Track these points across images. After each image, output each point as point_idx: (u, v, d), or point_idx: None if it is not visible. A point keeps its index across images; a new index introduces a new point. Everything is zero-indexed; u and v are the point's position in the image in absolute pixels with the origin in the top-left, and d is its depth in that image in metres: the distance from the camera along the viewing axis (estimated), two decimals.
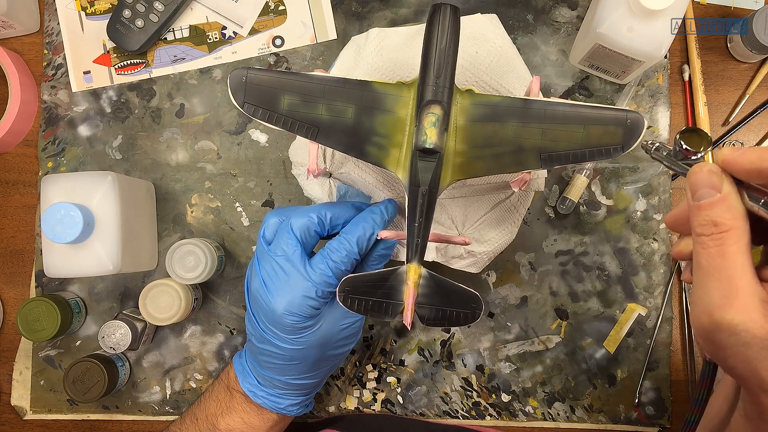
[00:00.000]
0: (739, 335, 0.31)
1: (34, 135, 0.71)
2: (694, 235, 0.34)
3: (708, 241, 0.32)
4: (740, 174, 0.33)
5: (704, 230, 0.33)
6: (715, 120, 0.68)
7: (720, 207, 0.32)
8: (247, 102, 0.45)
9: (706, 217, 0.33)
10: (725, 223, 0.32)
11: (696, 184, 0.33)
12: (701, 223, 0.33)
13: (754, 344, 0.31)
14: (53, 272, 0.60)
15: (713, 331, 0.32)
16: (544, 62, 0.68)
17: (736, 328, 0.31)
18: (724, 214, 0.32)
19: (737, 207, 0.32)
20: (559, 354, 0.68)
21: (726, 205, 0.32)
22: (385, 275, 0.45)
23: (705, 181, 0.33)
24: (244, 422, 0.56)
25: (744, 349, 0.32)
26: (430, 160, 0.43)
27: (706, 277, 0.33)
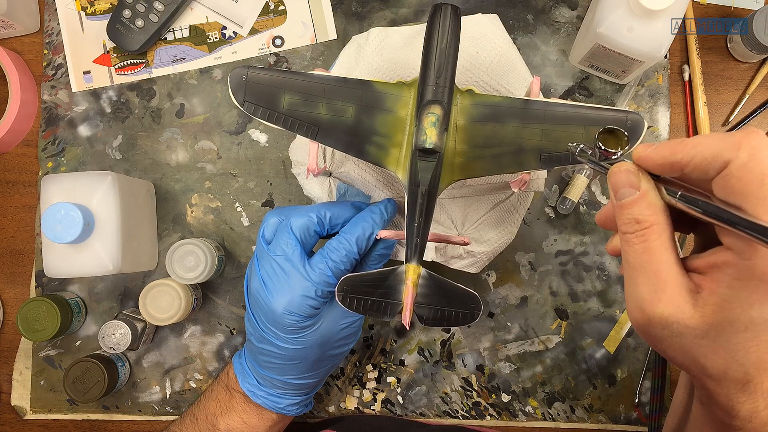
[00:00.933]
0: (671, 327, 0.32)
1: (34, 135, 0.71)
2: (620, 233, 0.34)
3: (632, 238, 0.33)
4: (655, 169, 0.33)
5: (628, 228, 0.33)
6: (715, 120, 0.68)
7: (640, 204, 0.33)
8: (247, 101, 0.45)
9: (629, 215, 0.33)
10: (646, 220, 0.33)
11: (616, 184, 0.34)
12: (624, 221, 0.34)
13: (687, 334, 0.32)
14: (53, 272, 0.60)
15: (646, 325, 0.33)
16: (544, 62, 0.68)
17: (667, 321, 0.32)
18: (645, 211, 0.33)
19: (656, 203, 0.33)
20: (559, 354, 0.68)
21: (645, 202, 0.33)
22: (384, 275, 0.45)
23: (624, 180, 0.34)
24: (244, 422, 0.56)
25: (678, 339, 0.32)
26: (430, 160, 0.43)
27: (634, 273, 0.33)
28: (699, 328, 0.32)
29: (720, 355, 0.32)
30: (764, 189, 0.29)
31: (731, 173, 0.30)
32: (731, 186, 0.30)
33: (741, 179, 0.29)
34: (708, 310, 0.31)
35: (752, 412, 0.33)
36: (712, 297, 0.31)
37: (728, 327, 0.31)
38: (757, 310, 0.30)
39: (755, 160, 0.29)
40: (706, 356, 0.32)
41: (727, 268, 0.31)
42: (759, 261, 0.30)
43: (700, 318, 0.31)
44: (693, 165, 0.31)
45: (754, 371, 0.32)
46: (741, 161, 0.29)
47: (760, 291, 0.30)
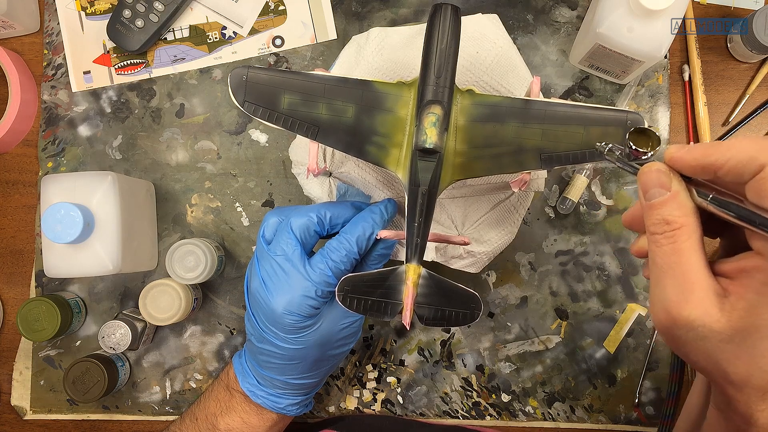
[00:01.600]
0: (697, 330, 0.32)
1: (34, 135, 0.71)
2: (648, 233, 0.34)
3: (661, 239, 0.33)
4: (687, 171, 0.33)
5: (657, 229, 0.33)
6: (715, 120, 0.68)
7: (670, 205, 0.33)
8: (247, 101, 0.45)
9: (658, 215, 0.33)
10: (676, 221, 0.33)
11: (646, 184, 0.34)
12: (654, 222, 0.33)
13: (712, 338, 0.32)
14: (53, 272, 0.60)
15: (672, 327, 0.33)
16: (544, 62, 0.68)
17: (693, 324, 0.32)
18: (675, 212, 0.33)
19: (687, 204, 0.33)
20: (559, 354, 0.68)
21: (676, 203, 0.33)
22: (384, 275, 0.45)
23: (654, 180, 0.34)
24: (244, 422, 0.56)
25: (703, 343, 0.32)
26: (430, 160, 0.43)
27: (662, 274, 0.33)
28: (724, 333, 0.31)
29: (743, 360, 0.32)
30: None
31: (766, 177, 0.29)
32: (766, 190, 0.29)
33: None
34: (735, 314, 0.31)
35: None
36: (740, 302, 0.31)
37: (755, 333, 0.31)
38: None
39: None
40: (729, 361, 0.32)
41: (756, 273, 0.31)
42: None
43: (726, 322, 0.31)
44: (727, 168, 0.31)
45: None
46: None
47: None
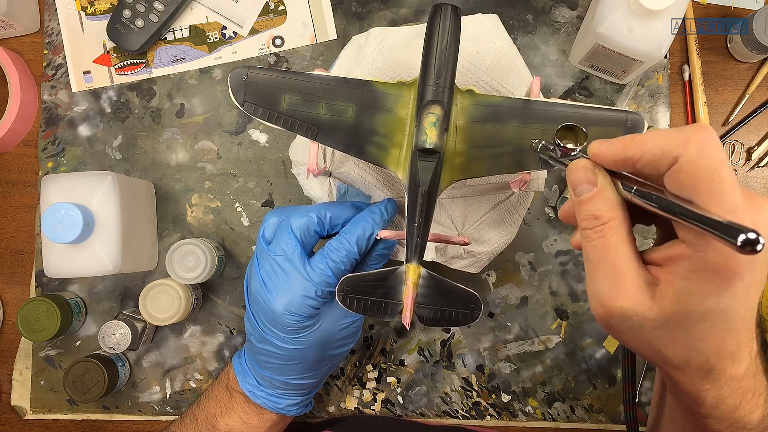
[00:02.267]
0: (632, 320, 0.33)
1: (34, 135, 0.71)
2: (579, 229, 0.35)
3: (591, 233, 0.34)
4: (610, 165, 0.34)
5: (587, 224, 0.34)
6: (715, 120, 0.68)
7: (597, 200, 0.34)
8: (247, 101, 0.45)
9: (587, 211, 0.34)
10: (604, 215, 0.33)
11: (574, 180, 0.35)
12: (583, 217, 0.34)
13: (646, 326, 0.33)
14: (53, 272, 0.60)
15: (608, 318, 0.34)
16: (544, 62, 0.68)
17: (627, 314, 0.33)
18: (602, 207, 0.33)
19: (613, 198, 0.34)
20: (559, 354, 0.68)
21: (602, 198, 0.34)
22: (384, 275, 0.45)
23: (581, 177, 0.34)
24: (244, 422, 0.56)
25: (639, 331, 0.33)
26: (430, 160, 0.43)
27: (594, 268, 0.34)
28: (658, 320, 0.32)
29: (680, 345, 0.33)
30: (713, 183, 0.29)
31: (681, 168, 0.30)
32: (681, 180, 0.30)
33: (690, 174, 0.30)
34: (666, 302, 0.32)
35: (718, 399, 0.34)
36: (669, 289, 0.32)
37: (686, 318, 0.32)
38: (713, 300, 0.31)
39: (703, 155, 0.30)
40: (666, 346, 0.33)
41: (682, 261, 0.32)
42: (711, 253, 0.30)
43: (658, 310, 0.32)
44: (644, 161, 0.32)
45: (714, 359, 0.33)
46: (689, 157, 0.30)
47: (715, 282, 0.31)
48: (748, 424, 0.36)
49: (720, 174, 0.29)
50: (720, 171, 0.29)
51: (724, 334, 0.32)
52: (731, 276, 0.30)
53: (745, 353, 0.34)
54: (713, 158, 0.30)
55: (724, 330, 0.32)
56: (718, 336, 0.32)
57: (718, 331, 0.32)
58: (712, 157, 0.30)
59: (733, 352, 0.33)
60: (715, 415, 0.35)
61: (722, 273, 0.30)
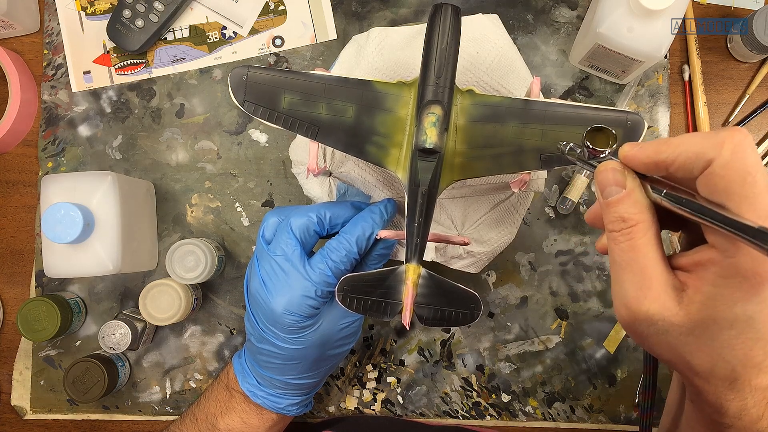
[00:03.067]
0: (657, 324, 0.32)
1: (34, 135, 0.71)
2: (606, 231, 0.35)
3: (618, 236, 0.33)
4: (641, 168, 0.33)
5: (614, 226, 0.34)
6: (715, 120, 0.68)
7: (626, 203, 0.33)
8: (247, 100, 0.45)
9: (615, 213, 0.34)
10: (632, 218, 0.33)
11: (603, 182, 0.34)
12: (611, 219, 0.34)
13: (672, 331, 0.32)
14: (53, 272, 0.60)
15: (633, 322, 0.33)
16: (544, 62, 0.68)
17: (653, 318, 0.32)
18: (630, 209, 0.33)
19: (642, 201, 0.33)
20: (559, 354, 0.68)
21: (631, 200, 0.33)
22: (384, 275, 0.45)
23: (610, 179, 0.34)
24: (244, 422, 0.56)
25: (665, 337, 0.33)
26: (430, 160, 0.43)
27: (620, 271, 0.34)
28: (684, 326, 0.32)
29: (706, 352, 0.32)
30: (747, 187, 0.29)
31: (714, 171, 0.30)
32: (714, 184, 0.30)
33: (724, 177, 0.29)
34: (693, 307, 0.32)
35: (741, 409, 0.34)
36: (697, 295, 0.32)
37: (713, 325, 0.31)
38: (741, 307, 0.31)
39: (738, 158, 0.29)
40: (692, 354, 0.33)
41: (711, 266, 0.31)
42: (742, 258, 0.30)
43: (685, 315, 0.32)
44: (678, 164, 0.31)
45: (740, 369, 0.32)
46: (724, 159, 0.29)
47: (744, 288, 0.30)
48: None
49: (754, 178, 0.29)
50: (754, 175, 0.29)
51: (752, 343, 0.32)
52: (761, 282, 0.30)
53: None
54: (748, 161, 0.29)
55: (752, 339, 0.31)
56: (746, 345, 0.32)
57: (746, 339, 0.31)
58: (747, 160, 0.29)
59: (760, 362, 0.32)
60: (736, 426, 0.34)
61: (751, 279, 0.30)
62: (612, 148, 0.35)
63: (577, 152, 0.38)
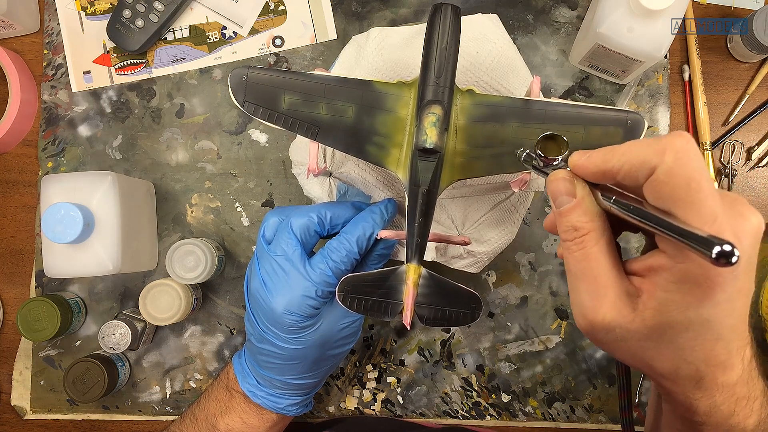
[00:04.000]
0: (615, 332, 0.32)
1: (34, 135, 0.71)
2: (561, 241, 0.35)
3: (572, 245, 0.34)
4: (590, 177, 0.33)
5: (567, 236, 0.34)
6: (715, 120, 0.68)
7: (576, 212, 0.33)
8: (247, 101, 0.45)
9: (567, 223, 0.34)
10: (584, 227, 0.33)
11: (554, 192, 0.34)
12: (564, 229, 0.34)
13: (630, 338, 0.32)
14: (53, 272, 0.60)
15: (591, 331, 0.33)
16: (544, 62, 0.68)
17: (609, 326, 0.32)
18: (581, 218, 0.33)
19: (592, 209, 0.33)
20: (559, 354, 0.68)
21: (582, 209, 0.33)
22: (384, 275, 0.45)
23: (561, 188, 0.34)
24: (244, 422, 0.56)
25: (624, 343, 0.33)
26: (431, 160, 0.43)
27: (575, 280, 0.34)
28: (641, 332, 0.32)
29: (666, 355, 0.32)
30: (691, 193, 0.29)
31: (658, 179, 0.30)
32: (659, 191, 0.30)
33: (668, 184, 0.29)
34: (648, 313, 0.31)
35: (711, 407, 0.34)
36: (651, 300, 0.31)
37: (669, 329, 0.31)
38: (694, 311, 0.31)
39: (680, 164, 0.29)
40: (653, 358, 0.33)
41: (662, 272, 0.31)
42: (691, 264, 0.30)
43: (641, 321, 0.32)
44: (624, 172, 0.31)
45: (704, 368, 0.32)
46: (667, 166, 0.29)
47: (695, 294, 0.30)
48: (744, 431, 0.35)
49: (698, 183, 0.29)
50: (698, 180, 0.29)
51: (712, 344, 0.32)
52: (711, 287, 0.30)
53: (737, 360, 0.33)
54: (691, 167, 0.29)
55: (711, 340, 0.31)
56: (706, 345, 0.32)
57: (705, 341, 0.31)
58: (690, 166, 0.29)
59: (724, 360, 0.32)
60: (710, 423, 0.35)
61: (703, 284, 0.30)
62: (563, 155, 0.35)
63: (531, 160, 0.38)
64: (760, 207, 0.68)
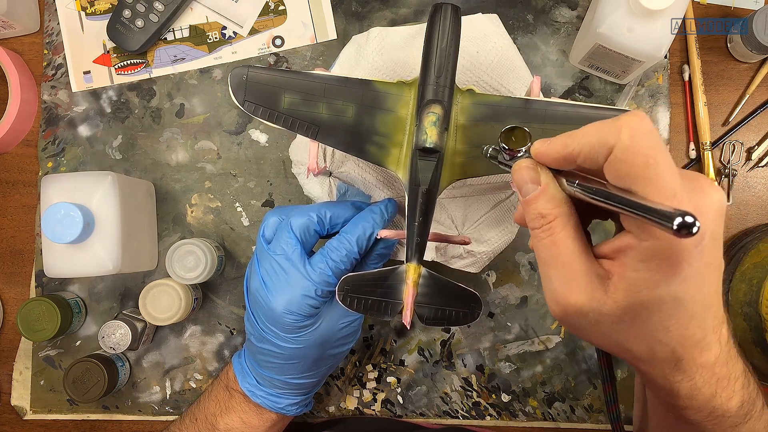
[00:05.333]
0: (588, 316, 0.32)
1: (34, 135, 0.71)
2: (530, 229, 0.35)
3: (540, 233, 0.34)
4: (552, 163, 0.34)
5: (535, 224, 0.34)
6: (715, 120, 0.68)
7: (542, 199, 0.33)
8: (247, 100, 0.45)
9: (534, 210, 0.34)
10: (550, 213, 0.33)
11: (519, 181, 0.35)
12: (531, 217, 0.34)
13: (603, 321, 0.32)
14: (53, 272, 0.60)
15: (565, 317, 0.33)
16: (544, 62, 0.68)
17: (582, 310, 0.32)
18: (547, 205, 0.33)
19: (557, 195, 0.33)
20: (559, 354, 0.68)
21: (547, 195, 0.33)
22: (384, 274, 0.45)
23: (525, 177, 0.34)
24: (243, 422, 0.56)
25: (598, 327, 0.33)
26: (431, 160, 0.43)
27: (546, 267, 0.34)
28: (614, 314, 0.32)
29: (641, 337, 0.32)
30: (649, 169, 0.29)
31: (616, 157, 0.30)
32: (618, 170, 0.30)
33: (626, 162, 0.29)
34: (619, 295, 0.31)
35: (692, 389, 0.34)
36: (621, 282, 0.31)
37: (641, 310, 0.31)
38: (664, 288, 0.31)
39: (636, 142, 0.29)
40: (628, 340, 0.33)
41: (630, 251, 0.31)
42: (656, 241, 0.30)
43: (613, 303, 0.32)
44: (583, 155, 0.31)
45: (680, 349, 0.32)
46: (624, 144, 0.29)
47: (663, 270, 0.30)
48: (728, 412, 0.35)
49: (655, 159, 0.29)
50: (655, 156, 0.29)
51: (685, 323, 0.32)
52: (677, 262, 0.30)
53: (713, 339, 0.33)
54: (646, 144, 0.29)
55: (684, 318, 0.31)
56: (680, 324, 0.32)
57: (678, 320, 0.31)
58: (645, 142, 0.29)
59: (700, 339, 0.32)
60: (692, 406, 0.35)
61: (669, 259, 0.30)
62: (527, 146, 0.35)
63: (497, 155, 0.38)
64: (760, 207, 0.68)
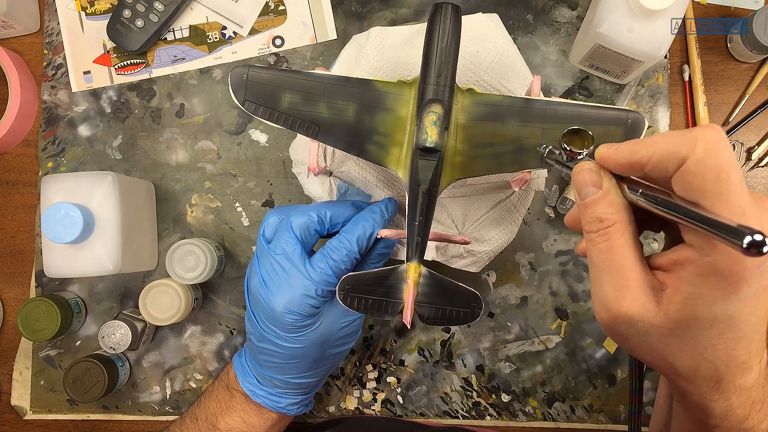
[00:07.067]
0: (637, 326, 0.32)
1: (34, 135, 0.71)
2: (584, 232, 0.34)
3: (596, 237, 0.33)
4: (617, 169, 0.33)
5: (591, 227, 0.33)
6: (715, 120, 0.68)
7: (602, 203, 0.33)
8: (248, 100, 0.45)
9: (592, 214, 0.33)
10: (609, 218, 0.33)
11: (579, 183, 0.34)
12: (588, 220, 0.33)
13: (653, 332, 0.32)
14: (53, 272, 0.60)
15: (612, 324, 0.33)
16: (544, 62, 0.68)
17: (632, 319, 0.32)
18: (607, 210, 0.33)
19: (618, 201, 0.33)
20: (559, 354, 0.68)
21: (607, 200, 0.33)
22: (385, 274, 0.45)
23: (587, 179, 0.34)
24: (244, 422, 0.56)
25: (645, 338, 0.32)
26: (431, 159, 0.43)
27: (599, 272, 0.33)
28: (664, 327, 0.32)
29: (688, 353, 0.32)
30: (720, 184, 0.29)
31: (688, 169, 0.29)
32: (689, 182, 0.29)
33: (698, 175, 0.29)
34: (672, 307, 0.31)
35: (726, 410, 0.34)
36: (676, 294, 0.31)
37: (693, 324, 0.31)
38: (720, 306, 0.30)
39: (711, 155, 0.29)
40: (674, 355, 0.32)
41: (688, 265, 0.31)
42: (719, 257, 0.29)
43: (664, 316, 0.31)
44: (652, 163, 0.31)
45: (724, 369, 0.32)
46: (697, 157, 0.29)
47: (722, 287, 0.30)
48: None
49: (728, 174, 0.29)
50: (728, 171, 0.29)
51: (734, 343, 0.31)
52: (738, 280, 0.30)
53: (755, 362, 0.33)
54: (721, 158, 0.29)
55: (734, 338, 0.31)
56: (728, 344, 0.31)
57: (727, 339, 0.31)
58: (720, 157, 0.29)
59: (744, 361, 0.32)
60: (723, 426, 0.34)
61: (729, 277, 0.30)
62: (589, 149, 0.35)
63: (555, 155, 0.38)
64: None
